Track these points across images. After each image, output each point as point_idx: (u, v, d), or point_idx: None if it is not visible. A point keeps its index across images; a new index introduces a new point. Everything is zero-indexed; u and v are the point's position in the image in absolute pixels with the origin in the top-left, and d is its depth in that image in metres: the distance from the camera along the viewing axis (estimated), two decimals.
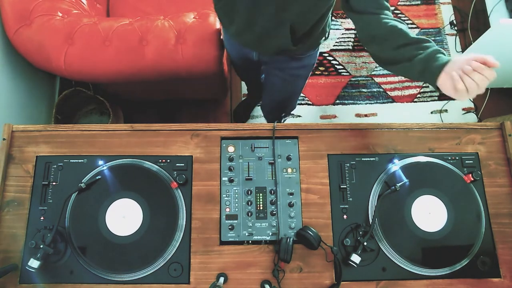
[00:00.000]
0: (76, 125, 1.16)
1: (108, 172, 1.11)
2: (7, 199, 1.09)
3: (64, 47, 1.47)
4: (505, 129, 1.17)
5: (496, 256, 1.07)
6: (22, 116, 1.76)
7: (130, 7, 1.89)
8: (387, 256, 1.06)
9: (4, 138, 1.13)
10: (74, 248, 1.04)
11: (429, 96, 2.29)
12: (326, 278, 1.05)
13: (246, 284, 1.04)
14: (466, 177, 1.12)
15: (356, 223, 1.08)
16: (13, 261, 1.03)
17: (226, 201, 1.10)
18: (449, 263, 1.06)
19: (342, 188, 1.11)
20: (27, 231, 1.06)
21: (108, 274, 1.03)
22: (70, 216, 1.07)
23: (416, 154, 1.15)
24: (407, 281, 1.04)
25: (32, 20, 1.48)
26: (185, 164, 1.12)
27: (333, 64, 2.34)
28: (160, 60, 1.51)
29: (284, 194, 1.11)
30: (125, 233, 1.06)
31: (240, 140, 1.16)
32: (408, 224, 1.09)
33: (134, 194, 1.09)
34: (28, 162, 1.12)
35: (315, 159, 1.14)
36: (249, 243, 1.07)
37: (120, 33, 1.50)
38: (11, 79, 1.68)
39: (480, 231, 1.09)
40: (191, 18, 1.57)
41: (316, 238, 1.01)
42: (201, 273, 1.04)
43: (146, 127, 1.16)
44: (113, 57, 1.49)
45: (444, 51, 1.42)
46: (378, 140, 1.17)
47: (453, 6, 2.47)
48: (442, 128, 1.18)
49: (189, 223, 1.08)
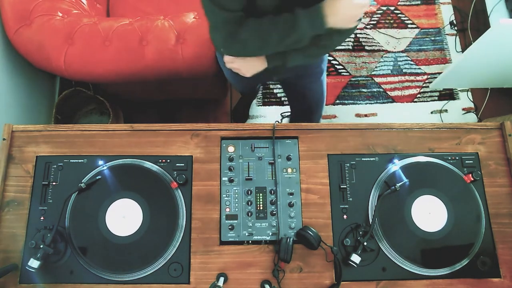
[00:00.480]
0: (76, 125, 1.16)
1: (108, 172, 1.11)
2: (7, 199, 1.09)
3: (64, 47, 1.47)
4: (505, 129, 1.17)
5: (496, 256, 1.07)
6: (22, 116, 1.76)
7: (130, 7, 1.89)
8: (387, 256, 1.06)
9: (4, 138, 1.13)
10: (74, 248, 1.04)
11: (429, 96, 2.29)
12: (326, 278, 1.05)
13: (246, 284, 1.04)
14: (466, 177, 1.12)
15: (356, 223, 1.08)
16: (13, 261, 1.03)
17: (226, 201, 1.10)
18: (449, 263, 1.06)
19: (342, 188, 1.11)
20: (27, 231, 1.06)
21: (108, 274, 1.03)
22: (70, 216, 1.07)
23: (416, 154, 1.15)
24: (407, 281, 1.04)
25: (32, 20, 1.48)
26: (185, 164, 1.12)
27: (333, 64, 2.34)
28: (160, 60, 1.51)
29: (284, 194, 1.11)
30: (125, 233, 1.06)
31: (240, 140, 1.16)
32: (408, 224, 1.09)
33: (134, 194, 1.09)
34: (28, 162, 1.12)
35: (315, 159, 1.14)
36: (249, 243, 1.07)
37: (120, 33, 1.50)
38: (11, 79, 1.68)
39: (480, 231, 1.09)
40: (191, 18, 1.57)
41: (316, 238, 1.01)
42: (201, 273, 1.04)
43: (146, 127, 1.16)
44: (113, 57, 1.49)
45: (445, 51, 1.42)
46: (378, 140, 1.17)
47: (453, 6, 2.47)
48: (442, 128, 1.18)
49: (189, 223, 1.08)
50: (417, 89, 2.31)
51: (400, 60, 2.35)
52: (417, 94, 2.30)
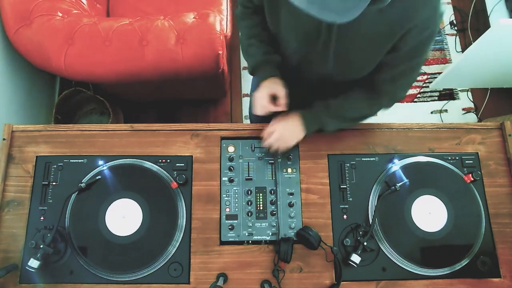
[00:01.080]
0: (76, 125, 1.16)
1: (108, 172, 1.11)
2: (7, 199, 1.08)
3: (64, 47, 1.47)
4: (505, 129, 1.17)
5: (496, 256, 1.07)
6: (22, 116, 1.76)
7: (130, 7, 1.89)
8: (387, 256, 1.06)
9: (4, 138, 1.13)
10: (74, 248, 1.04)
11: (429, 96, 2.29)
12: (326, 278, 1.05)
13: (246, 284, 1.04)
14: (466, 177, 1.12)
15: (356, 223, 1.08)
16: (13, 261, 1.03)
17: (226, 201, 1.10)
18: (449, 263, 1.06)
19: (342, 188, 1.11)
20: (27, 231, 1.06)
21: (108, 274, 1.03)
22: (70, 216, 1.07)
23: (416, 154, 1.15)
24: (407, 281, 1.04)
25: (32, 20, 1.48)
26: (185, 164, 1.12)
27: None
28: (160, 60, 1.51)
29: (284, 194, 1.11)
30: (125, 233, 1.06)
31: (240, 140, 1.16)
32: (408, 224, 1.08)
33: (134, 194, 1.09)
34: (28, 162, 1.12)
35: (315, 159, 1.14)
36: (249, 243, 1.07)
37: (120, 33, 1.50)
38: (11, 79, 1.68)
39: (480, 231, 1.09)
40: (191, 18, 1.57)
41: (316, 238, 1.01)
42: (201, 273, 1.04)
43: (146, 127, 1.16)
44: (113, 57, 1.49)
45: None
46: (378, 140, 1.17)
47: (453, 6, 2.47)
48: (442, 128, 1.18)
49: (189, 223, 1.08)
50: (417, 89, 2.31)
51: None
52: (417, 94, 2.30)
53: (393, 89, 1.02)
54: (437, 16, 0.85)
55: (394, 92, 1.04)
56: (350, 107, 1.06)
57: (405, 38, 0.87)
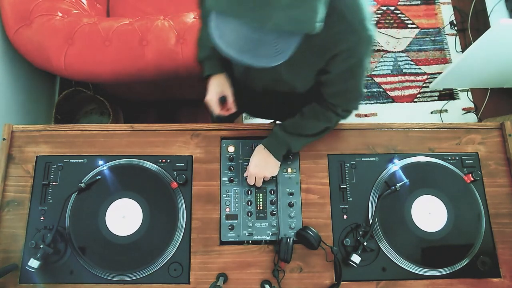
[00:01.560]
0: (76, 125, 1.16)
1: (108, 172, 1.11)
2: (7, 199, 1.08)
3: (64, 47, 1.47)
4: (505, 129, 1.17)
5: (496, 256, 1.07)
6: (22, 116, 1.76)
7: (130, 7, 1.89)
8: (387, 256, 1.06)
9: (4, 138, 1.13)
10: (74, 248, 1.04)
11: (429, 96, 2.29)
12: (326, 278, 1.05)
13: (246, 284, 1.04)
14: (466, 177, 1.12)
15: (356, 223, 1.08)
16: (13, 261, 1.03)
17: (226, 201, 1.10)
18: (449, 263, 1.06)
19: (342, 188, 1.11)
20: (27, 231, 1.06)
21: (108, 274, 1.03)
22: (70, 216, 1.07)
23: (416, 154, 1.15)
24: (407, 281, 1.04)
25: (32, 20, 1.48)
26: (185, 164, 1.12)
27: None
28: (160, 60, 1.51)
29: (284, 194, 1.11)
30: (125, 233, 1.06)
31: (240, 140, 1.16)
32: (408, 224, 1.08)
33: (134, 194, 1.09)
34: (28, 162, 1.12)
35: (315, 159, 1.14)
36: (249, 243, 1.07)
37: (120, 33, 1.50)
38: (11, 79, 1.68)
39: (480, 231, 1.09)
40: (191, 18, 1.57)
41: (316, 238, 1.01)
42: (201, 273, 1.04)
43: (146, 127, 1.16)
44: (113, 57, 1.49)
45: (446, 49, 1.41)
46: (378, 140, 1.17)
47: (453, 6, 2.47)
48: (442, 128, 1.18)
49: (189, 223, 1.08)
50: (417, 89, 2.31)
51: (400, 60, 2.35)
52: (417, 94, 2.30)
53: (343, 101, 1.03)
54: (363, 46, 0.84)
55: (345, 104, 1.04)
56: (306, 124, 1.07)
57: (332, 63, 0.88)
